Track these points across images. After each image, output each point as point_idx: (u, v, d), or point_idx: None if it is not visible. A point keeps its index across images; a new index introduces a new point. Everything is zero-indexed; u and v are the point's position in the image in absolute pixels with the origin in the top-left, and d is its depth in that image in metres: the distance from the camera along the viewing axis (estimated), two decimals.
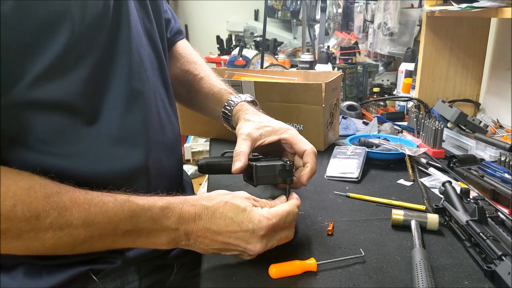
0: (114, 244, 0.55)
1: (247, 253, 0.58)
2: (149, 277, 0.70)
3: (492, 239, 0.59)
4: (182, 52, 0.90)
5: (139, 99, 0.63)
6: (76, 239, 0.51)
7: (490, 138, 0.99)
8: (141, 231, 0.55)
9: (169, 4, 1.03)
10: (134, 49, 0.62)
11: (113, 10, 0.58)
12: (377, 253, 0.63)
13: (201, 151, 2.17)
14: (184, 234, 0.56)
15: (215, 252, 0.59)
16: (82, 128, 0.57)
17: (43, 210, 0.49)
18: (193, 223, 0.56)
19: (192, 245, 0.58)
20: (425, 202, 0.79)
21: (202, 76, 0.85)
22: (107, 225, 0.53)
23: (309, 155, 0.68)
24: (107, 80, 0.59)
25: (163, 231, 0.56)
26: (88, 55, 0.55)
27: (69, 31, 0.51)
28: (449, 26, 1.31)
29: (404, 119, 1.36)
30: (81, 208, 0.51)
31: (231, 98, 0.79)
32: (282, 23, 3.54)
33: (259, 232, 0.57)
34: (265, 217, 0.57)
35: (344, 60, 1.78)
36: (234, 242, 0.57)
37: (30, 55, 0.50)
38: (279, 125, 0.71)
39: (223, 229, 0.56)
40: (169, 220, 0.56)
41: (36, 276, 0.60)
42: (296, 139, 0.69)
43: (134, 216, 0.54)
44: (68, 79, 0.54)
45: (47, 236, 0.50)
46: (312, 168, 0.67)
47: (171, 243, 0.57)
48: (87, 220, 0.51)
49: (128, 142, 0.61)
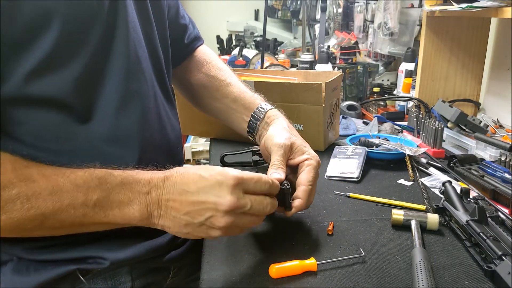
0: (85, 218, 0.53)
1: (219, 211, 0.53)
2: (142, 279, 0.69)
3: (492, 239, 0.59)
4: (206, 58, 0.90)
5: (134, 100, 0.63)
6: (45, 211, 0.51)
7: (490, 138, 0.99)
8: (112, 201, 0.54)
9: None
10: (132, 50, 0.62)
11: (108, 10, 0.58)
12: (377, 253, 0.63)
13: (201, 151, 2.16)
14: (156, 201, 0.55)
15: (188, 222, 0.55)
16: (75, 126, 0.58)
17: (10, 182, 0.50)
18: (163, 184, 0.55)
19: (164, 215, 0.55)
20: (425, 202, 0.79)
21: (229, 82, 0.86)
22: (76, 193, 0.52)
23: (305, 192, 0.64)
24: (102, 80, 0.59)
25: (134, 199, 0.54)
26: (80, 53, 0.56)
27: (58, 28, 0.52)
28: (449, 26, 1.31)
29: (404, 119, 1.36)
30: (48, 178, 0.52)
31: (263, 104, 0.80)
32: (282, 23, 3.54)
33: (228, 182, 0.53)
34: (233, 170, 0.55)
35: (344, 60, 1.78)
36: (203, 198, 0.54)
37: (21, 51, 0.50)
38: (305, 144, 0.71)
39: (192, 187, 0.54)
40: (139, 183, 0.55)
41: (24, 274, 0.60)
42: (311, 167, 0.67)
43: (103, 182, 0.53)
44: (60, 76, 0.54)
45: (15, 208, 0.49)
46: (301, 205, 0.64)
47: (144, 216, 0.55)
48: (55, 189, 0.51)
49: (121, 142, 0.62)
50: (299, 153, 0.69)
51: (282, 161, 0.66)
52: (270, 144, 0.69)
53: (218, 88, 0.86)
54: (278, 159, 0.66)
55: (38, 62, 0.52)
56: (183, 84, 0.92)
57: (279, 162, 0.66)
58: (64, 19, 0.52)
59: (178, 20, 0.85)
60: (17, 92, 0.52)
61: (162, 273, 0.73)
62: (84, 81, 0.57)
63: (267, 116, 0.78)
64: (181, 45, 0.88)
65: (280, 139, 0.69)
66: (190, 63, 0.90)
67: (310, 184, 0.65)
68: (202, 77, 0.88)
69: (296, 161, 0.69)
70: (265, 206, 0.57)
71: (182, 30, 0.88)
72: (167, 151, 0.72)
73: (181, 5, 0.87)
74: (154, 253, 0.68)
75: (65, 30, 0.53)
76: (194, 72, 0.89)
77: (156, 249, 0.67)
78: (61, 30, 0.52)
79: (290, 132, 0.72)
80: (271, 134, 0.71)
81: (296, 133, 0.74)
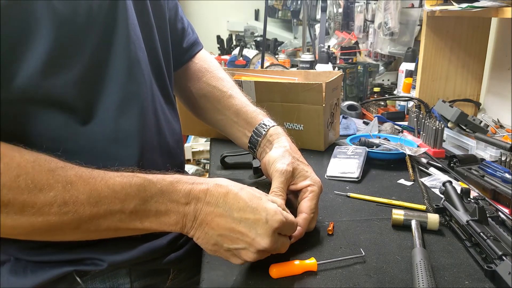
0: (122, 224, 0.52)
1: (253, 247, 0.54)
2: (141, 281, 0.69)
3: (492, 239, 0.59)
4: (207, 67, 0.88)
5: (134, 102, 0.63)
6: (82, 216, 0.49)
7: (490, 138, 0.99)
8: (149, 209, 0.53)
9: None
10: (132, 52, 0.62)
11: (107, 12, 0.58)
12: (377, 253, 0.63)
13: (201, 151, 2.16)
14: (193, 213, 0.54)
15: (218, 243, 0.55)
16: (77, 126, 0.58)
17: (47, 183, 0.48)
18: (204, 197, 0.54)
19: (197, 228, 0.55)
20: (426, 202, 0.79)
21: (231, 94, 0.84)
22: (114, 199, 0.51)
23: (306, 220, 0.64)
24: (102, 81, 0.59)
25: (172, 208, 0.53)
26: (80, 53, 0.55)
27: (56, 29, 0.51)
28: (449, 26, 1.31)
29: (404, 119, 1.36)
30: (86, 182, 0.50)
31: (266, 120, 0.79)
32: (283, 23, 3.55)
33: (272, 224, 0.54)
34: (280, 211, 0.56)
35: (344, 60, 1.78)
36: (243, 229, 0.54)
37: (21, 52, 0.50)
38: (307, 169, 0.71)
39: (235, 213, 0.54)
40: (178, 193, 0.54)
41: (21, 275, 0.60)
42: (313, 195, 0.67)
43: (142, 189, 0.52)
44: (61, 78, 0.54)
45: (52, 211, 0.48)
46: (301, 234, 0.63)
47: (178, 224, 0.54)
48: (93, 194, 0.50)
49: (121, 143, 0.62)
50: (302, 178, 0.69)
51: (282, 189, 0.66)
52: (271, 168, 0.69)
53: (220, 100, 0.84)
54: (278, 186, 0.66)
55: (39, 64, 0.51)
56: (183, 92, 0.90)
57: (279, 189, 0.66)
58: (62, 20, 0.52)
59: (176, 22, 0.84)
60: (21, 93, 0.52)
61: (162, 275, 0.73)
62: (85, 82, 0.57)
63: (269, 134, 0.76)
64: (180, 49, 0.86)
65: (281, 164, 0.68)
66: (190, 70, 0.88)
67: (312, 212, 0.66)
68: (203, 87, 0.86)
69: (298, 187, 0.68)
70: (285, 246, 0.60)
71: (181, 34, 0.86)
72: (167, 153, 0.72)
73: (180, 8, 0.85)
74: (153, 255, 0.67)
75: (63, 30, 0.52)
76: (194, 81, 0.87)
77: (155, 251, 0.67)
78: (59, 30, 0.52)
79: (292, 155, 0.70)
80: (273, 158, 0.70)
81: (299, 154, 0.73)
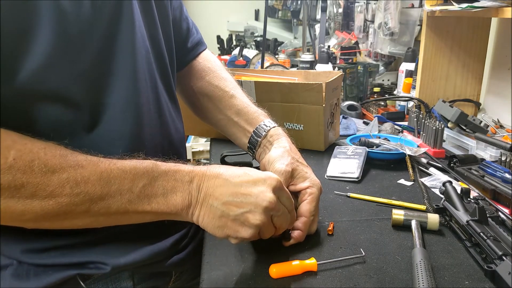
0: (131, 206, 0.54)
1: (259, 206, 0.55)
2: (143, 284, 0.68)
3: (492, 239, 0.59)
4: (210, 66, 0.88)
5: (140, 101, 0.63)
6: (93, 196, 0.51)
7: (490, 138, 0.99)
8: (157, 187, 0.55)
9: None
10: (137, 50, 0.62)
11: (112, 10, 0.58)
12: (377, 253, 0.63)
13: (201, 151, 2.16)
14: (196, 187, 0.56)
15: (224, 214, 0.56)
16: (84, 124, 0.58)
17: (60, 166, 0.50)
18: (205, 173, 0.57)
19: (202, 203, 0.56)
20: (426, 202, 0.79)
21: (233, 94, 0.84)
22: (123, 179, 0.53)
23: (306, 223, 0.65)
24: (108, 79, 0.59)
25: (178, 186, 0.56)
26: (84, 50, 0.55)
27: (59, 24, 0.51)
28: (449, 26, 1.31)
29: (404, 119, 1.36)
30: (96, 165, 0.52)
31: (267, 120, 0.79)
32: (283, 23, 3.54)
33: (272, 182, 0.57)
34: (277, 175, 0.59)
35: (344, 60, 1.78)
36: (245, 190, 0.56)
37: (25, 46, 0.50)
38: (306, 170, 0.71)
39: (235, 179, 0.56)
40: (182, 173, 0.57)
41: (23, 278, 0.59)
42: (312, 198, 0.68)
43: (149, 169, 0.55)
44: (66, 73, 0.54)
45: (64, 192, 0.50)
46: (301, 237, 0.65)
47: (185, 204, 0.56)
48: (103, 175, 0.52)
49: (127, 141, 0.62)
50: (301, 179, 0.69)
51: None
52: (270, 168, 0.69)
53: (221, 99, 0.84)
54: None
55: (43, 58, 0.51)
56: (185, 90, 0.90)
57: None
58: (66, 15, 0.52)
59: (181, 22, 0.84)
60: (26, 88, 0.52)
61: (164, 277, 0.73)
62: (90, 78, 0.57)
63: (269, 135, 0.76)
64: (184, 49, 0.86)
65: (281, 165, 0.68)
66: (193, 69, 0.88)
67: (312, 215, 0.66)
68: (205, 86, 0.86)
69: (297, 188, 0.68)
70: (288, 219, 0.60)
71: (185, 34, 0.86)
72: (171, 152, 0.72)
73: (184, 7, 0.85)
74: (156, 258, 0.67)
75: (67, 26, 0.52)
76: (197, 80, 0.87)
77: (157, 253, 0.67)
78: (62, 25, 0.52)
79: (292, 156, 0.70)
80: (272, 158, 0.70)
81: (299, 155, 0.73)
